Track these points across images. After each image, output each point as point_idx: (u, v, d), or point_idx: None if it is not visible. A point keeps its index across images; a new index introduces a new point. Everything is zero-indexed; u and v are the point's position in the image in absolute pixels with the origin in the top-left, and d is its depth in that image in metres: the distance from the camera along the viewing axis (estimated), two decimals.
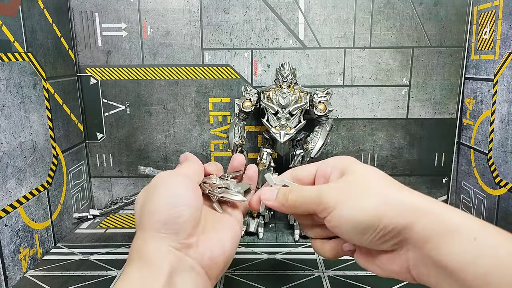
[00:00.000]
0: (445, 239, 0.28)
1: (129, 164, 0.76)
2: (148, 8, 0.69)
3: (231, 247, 0.35)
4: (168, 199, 0.31)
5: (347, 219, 0.31)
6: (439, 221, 0.29)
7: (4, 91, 0.50)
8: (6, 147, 0.50)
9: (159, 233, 0.30)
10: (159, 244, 0.30)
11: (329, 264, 0.54)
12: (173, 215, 0.31)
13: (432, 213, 0.29)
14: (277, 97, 0.59)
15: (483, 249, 0.26)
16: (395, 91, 0.72)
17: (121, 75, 0.72)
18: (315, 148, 0.60)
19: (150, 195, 0.32)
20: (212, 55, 0.71)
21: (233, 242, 0.35)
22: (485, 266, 0.26)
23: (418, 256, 0.30)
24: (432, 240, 0.28)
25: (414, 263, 0.30)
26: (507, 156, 0.59)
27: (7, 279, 0.49)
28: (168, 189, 0.32)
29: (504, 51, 0.59)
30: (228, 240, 0.35)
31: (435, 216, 0.29)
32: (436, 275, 0.29)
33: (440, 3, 0.68)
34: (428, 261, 0.29)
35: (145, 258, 0.30)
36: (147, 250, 0.30)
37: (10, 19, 0.51)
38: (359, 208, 0.31)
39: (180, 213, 0.31)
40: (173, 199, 0.31)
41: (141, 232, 0.31)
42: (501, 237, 0.27)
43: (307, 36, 0.70)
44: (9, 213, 0.50)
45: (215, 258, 0.33)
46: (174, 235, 0.30)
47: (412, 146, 0.75)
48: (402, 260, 0.31)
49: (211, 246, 0.33)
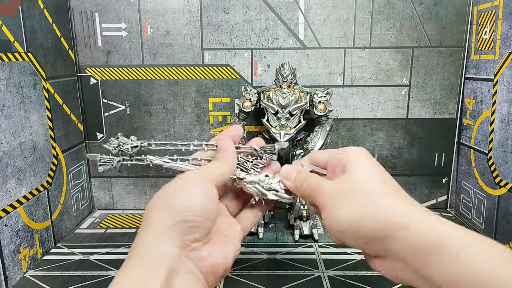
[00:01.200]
0: (426, 254, 0.28)
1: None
2: (148, 8, 0.69)
3: (232, 259, 0.36)
4: (187, 204, 0.32)
5: (335, 221, 0.32)
6: (422, 234, 0.28)
7: (4, 91, 0.50)
8: (6, 147, 0.50)
9: (168, 231, 0.31)
10: (164, 243, 0.30)
11: (329, 264, 0.54)
12: (187, 219, 0.31)
13: (416, 224, 0.29)
14: (277, 97, 0.59)
15: (465, 266, 0.26)
16: (395, 91, 0.72)
17: (121, 75, 0.72)
18: (315, 148, 0.60)
19: (169, 197, 0.33)
20: (212, 55, 0.71)
21: (234, 255, 0.36)
22: (468, 282, 0.26)
23: (404, 267, 0.30)
24: (414, 255, 0.28)
25: (401, 271, 0.30)
26: (507, 156, 0.59)
27: (7, 279, 0.49)
28: (187, 196, 0.33)
29: (504, 51, 0.59)
30: (231, 251, 0.35)
31: (418, 228, 0.29)
32: (424, 284, 0.29)
33: (440, 3, 0.68)
34: (414, 272, 0.29)
35: (146, 255, 0.30)
36: (149, 249, 0.30)
37: (10, 19, 0.51)
38: (345, 213, 0.32)
39: (194, 220, 0.31)
40: (192, 204, 0.32)
41: (148, 229, 0.31)
42: (483, 249, 0.27)
43: (307, 36, 0.70)
44: (9, 213, 0.50)
45: (216, 265, 0.33)
46: (181, 235, 0.31)
47: (412, 146, 0.75)
48: (390, 268, 0.31)
49: (214, 253, 0.33)
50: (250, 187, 0.39)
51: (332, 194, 0.33)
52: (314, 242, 0.62)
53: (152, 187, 0.77)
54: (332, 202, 0.33)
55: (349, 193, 0.32)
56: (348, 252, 0.58)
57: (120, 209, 0.77)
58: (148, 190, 0.77)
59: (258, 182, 0.39)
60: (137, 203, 0.77)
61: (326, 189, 0.34)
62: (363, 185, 0.32)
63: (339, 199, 0.32)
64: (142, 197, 0.77)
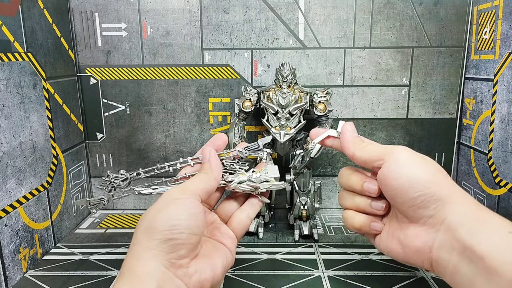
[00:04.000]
0: (480, 226, 0.30)
1: (129, 164, 0.76)
2: (148, 8, 0.69)
3: (221, 273, 0.36)
4: (169, 222, 0.32)
5: (403, 174, 0.34)
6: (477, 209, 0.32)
7: (4, 91, 0.50)
8: (6, 147, 0.50)
9: (153, 250, 0.31)
10: (150, 261, 0.31)
11: (329, 264, 0.54)
12: (171, 237, 0.32)
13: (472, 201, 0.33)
14: (277, 97, 0.59)
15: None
16: (395, 91, 0.72)
17: (121, 75, 0.72)
18: (315, 148, 0.60)
19: (156, 214, 0.33)
20: (212, 55, 0.71)
21: (224, 270, 0.36)
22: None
23: (447, 239, 0.31)
24: (467, 224, 0.30)
25: (439, 245, 0.32)
26: (507, 156, 0.59)
27: (7, 279, 0.49)
28: (169, 215, 0.33)
29: (504, 51, 0.59)
30: (219, 267, 0.36)
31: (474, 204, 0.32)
32: (457, 261, 0.30)
33: (440, 3, 0.68)
34: (456, 245, 0.30)
35: (135, 274, 0.31)
36: (138, 266, 0.31)
37: (10, 19, 0.51)
38: (419, 170, 0.34)
39: (178, 238, 0.32)
40: (175, 222, 0.32)
41: (137, 246, 0.32)
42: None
43: (307, 36, 0.70)
44: (9, 213, 0.50)
45: (203, 281, 0.33)
46: (166, 254, 0.31)
47: (412, 146, 0.74)
48: (429, 238, 0.33)
49: (201, 269, 0.34)
50: (240, 187, 0.40)
51: (409, 155, 0.36)
52: (314, 242, 0.62)
53: None
54: (406, 159, 0.35)
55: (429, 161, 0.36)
56: (348, 252, 0.58)
57: (120, 209, 0.77)
58: None
59: (247, 179, 0.41)
60: (137, 203, 0.77)
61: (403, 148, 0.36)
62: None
63: (416, 160, 0.35)
64: (142, 197, 0.77)
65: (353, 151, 0.39)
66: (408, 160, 0.35)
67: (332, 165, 0.76)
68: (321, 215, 0.73)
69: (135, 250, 0.32)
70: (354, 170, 0.41)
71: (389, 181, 0.35)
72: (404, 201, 0.34)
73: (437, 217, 0.33)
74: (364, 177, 0.39)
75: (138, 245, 0.32)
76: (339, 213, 0.74)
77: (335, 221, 0.70)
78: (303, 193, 0.63)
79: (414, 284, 0.49)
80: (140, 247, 0.32)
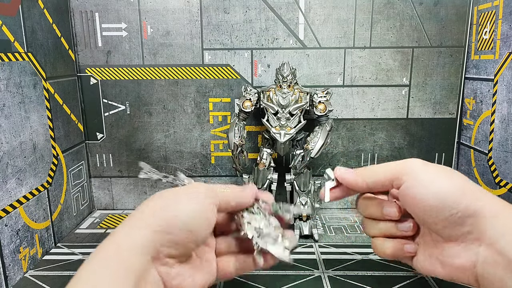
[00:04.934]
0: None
1: (129, 164, 0.76)
2: (148, 8, 0.69)
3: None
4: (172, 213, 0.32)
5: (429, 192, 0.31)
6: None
7: (4, 91, 0.50)
8: (6, 147, 0.50)
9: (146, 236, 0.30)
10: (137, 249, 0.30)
11: (329, 264, 0.54)
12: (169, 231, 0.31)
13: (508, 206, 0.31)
14: (277, 97, 0.59)
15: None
16: (395, 91, 0.72)
17: (121, 75, 0.72)
18: (315, 148, 0.60)
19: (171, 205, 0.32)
20: (212, 55, 0.71)
21: (206, 286, 0.35)
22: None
23: (489, 253, 0.30)
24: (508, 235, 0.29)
25: (483, 259, 0.30)
26: (507, 156, 0.59)
27: (7, 279, 0.49)
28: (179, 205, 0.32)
29: (504, 51, 0.59)
30: (200, 284, 0.34)
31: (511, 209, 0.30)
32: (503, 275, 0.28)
33: (440, 3, 0.68)
34: (499, 258, 0.29)
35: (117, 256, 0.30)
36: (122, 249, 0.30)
37: (10, 19, 0.51)
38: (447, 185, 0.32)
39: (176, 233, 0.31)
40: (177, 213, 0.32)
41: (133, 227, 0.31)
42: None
43: (307, 36, 0.70)
44: (9, 213, 0.50)
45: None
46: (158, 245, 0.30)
47: (412, 146, 0.75)
48: (471, 254, 0.31)
49: (184, 276, 0.33)
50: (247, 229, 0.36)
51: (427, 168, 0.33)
52: (314, 242, 0.62)
53: (152, 187, 0.77)
54: (427, 175, 0.33)
55: (449, 171, 0.33)
56: (348, 252, 0.58)
57: (120, 209, 0.77)
58: (148, 190, 0.77)
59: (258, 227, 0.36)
60: (137, 203, 0.77)
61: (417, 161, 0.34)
62: None
63: (439, 174, 0.33)
64: (142, 197, 0.77)
65: (364, 180, 0.36)
66: (429, 176, 0.32)
67: (332, 165, 0.76)
68: (321, 215, 0.73)
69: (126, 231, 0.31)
70: (369, 197, 0.39)
71: (416, 203, 0.32)
72: (437, 222, 0.32)
73: (475, 232, 0.30)
74: (381, 201, 0.37)
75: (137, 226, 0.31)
76: (339, 213, 0.74)
77: (335, 221, 0.70)
78: (303, 193, 0.63)
79: (414, 284, 0.49)
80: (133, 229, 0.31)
